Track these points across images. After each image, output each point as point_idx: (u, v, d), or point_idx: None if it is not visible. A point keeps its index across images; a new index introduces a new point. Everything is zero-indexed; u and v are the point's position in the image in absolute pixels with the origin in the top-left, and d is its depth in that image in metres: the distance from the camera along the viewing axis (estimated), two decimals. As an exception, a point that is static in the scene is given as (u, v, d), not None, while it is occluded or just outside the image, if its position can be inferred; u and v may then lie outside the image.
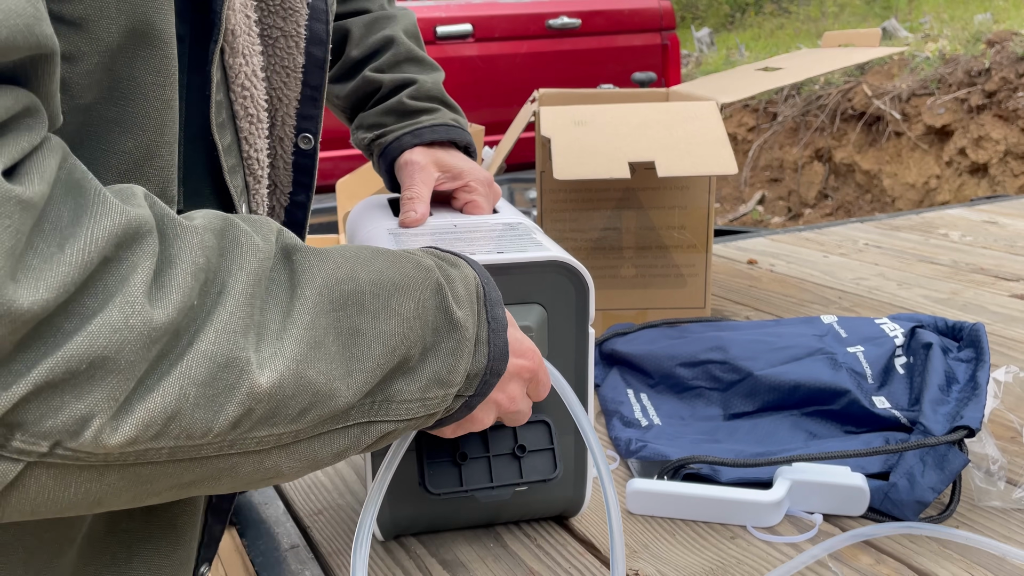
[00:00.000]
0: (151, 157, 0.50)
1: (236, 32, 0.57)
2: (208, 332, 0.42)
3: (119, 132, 0.48)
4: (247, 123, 0.60)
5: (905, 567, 0.76)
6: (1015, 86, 4.96)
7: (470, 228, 0.82)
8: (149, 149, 0.49)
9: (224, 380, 0.42)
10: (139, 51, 0.47)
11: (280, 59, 0.69)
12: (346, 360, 0.48)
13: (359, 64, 0.95)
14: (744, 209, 6.17)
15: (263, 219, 0.50)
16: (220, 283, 0.43)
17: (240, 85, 0.59)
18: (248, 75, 0.59)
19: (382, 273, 0.51)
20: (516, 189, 3.39)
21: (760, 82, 1.38)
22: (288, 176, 0.72)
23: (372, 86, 0.94)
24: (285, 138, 0.71)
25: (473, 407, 0.59)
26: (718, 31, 10.08)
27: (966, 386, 0.93)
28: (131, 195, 0.42)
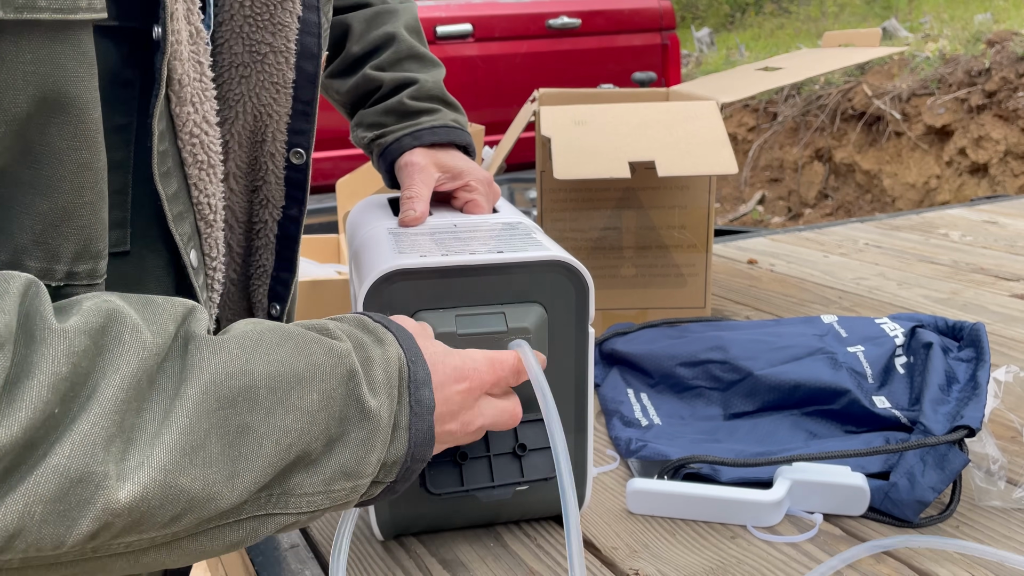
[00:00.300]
0: (69, 217, 0.48)
1: (183, 81, 0.55)
2: (64, 444, 0.40)
3: (33, 194, 0.47)
4: (196, 170, 0.59)
5: (905, 567, 0.76)
6: (1015, 86, 4.96)
7: (470, 227, 0.82)
8: (66, 210, 0.48)
9: (76, 496, 0.40)
10: (52, 118, 0.46)
11: (269, 75, 0.68)
12: (231, 461, 0.45)
13: (360, 60, 0.94)
14: (744, 209, 6.17)
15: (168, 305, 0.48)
16: (91, 387, 0.41)
17: (188, 133, 0.57)
18: (197, 122, 0.58)
19: (283, 364, 0.49)
20: (516, 189, 3.39)
21: (760, 82, 1.38)
22: (280, 191, 0.72)
23: (372, 84, 0.94)
24: (276, 154, 0.70)
25: (398, 491, 0.56)
26: (718, 31, 10.08)
27: (966, 386, 0.93)
28: (1, 293, 0.40)
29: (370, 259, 0.75)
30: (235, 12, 0.66)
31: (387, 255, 0.72)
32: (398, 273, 0.69)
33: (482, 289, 0.71)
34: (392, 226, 0.84)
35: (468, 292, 0.71)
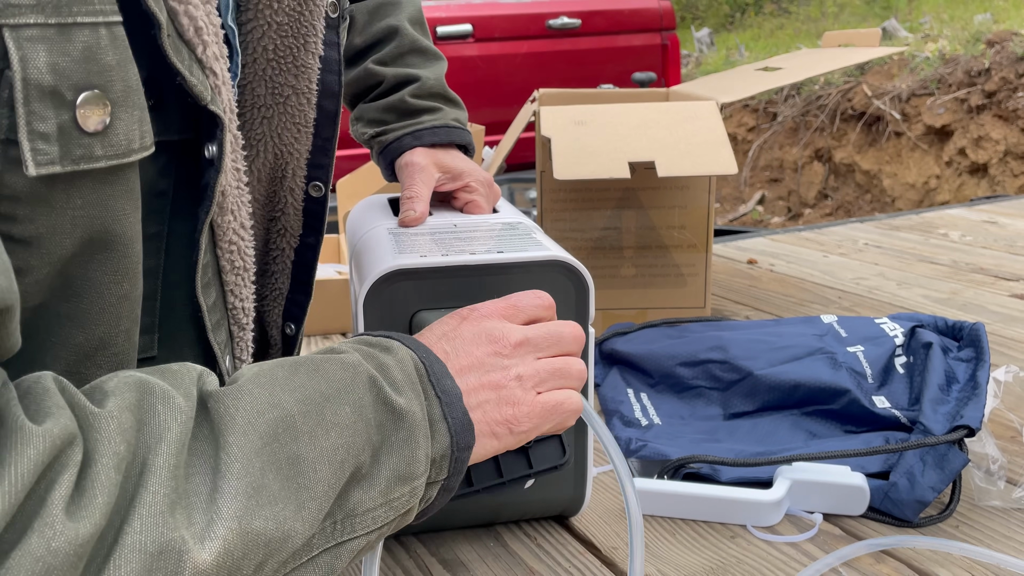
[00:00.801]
0: (104, 347, 0.48)
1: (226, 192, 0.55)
2: (133, 522, 0.39)
3: (70, 327, 0.46)
4: (233, 276, 0.59)
5: (905, 567, 0.76)
6: (1015, 86, 4.96)
7: (470, 227, 0.82)
8: (102, 340, 0.47)
9: (162, 568, 0.38)
10: (95, 255, 0.46)
11: (291, 116, 0.68)
12: (294, 492, 0.44)
13: (362, 53, 0.94)
14: (744, 209, 6.17)
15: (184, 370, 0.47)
16: (140, 463, 0.40)
17: (228, 241, 0.57)
18: (236, 230, 0.58)
19: (306, 387, 0.48)
20: (516, 189, 3.39)
21: (760, 82, 1.38)
22: (298, 221, 0.73)
23: (374, 79, 0.93)
24: (296, 188, 0.71)
25: (453, 487, 0.55)
26: (718, 31, 10.09)
27: (966, 386, 0.93)
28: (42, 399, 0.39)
29: (370, 259, 0.75)
30: (259, 56, 0.66)
31: (387, 255, 0.72)
32: (398, 273, 0.69)
33: (482, 289, 0.71)
34: (392, 226, 0.84)
35: (468, 292, 0.71)
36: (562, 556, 0.80)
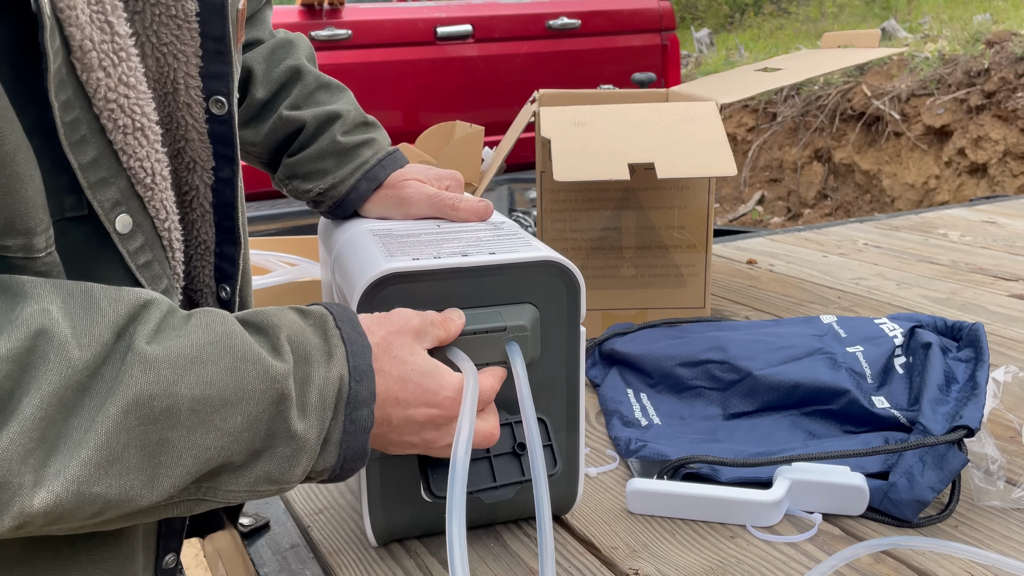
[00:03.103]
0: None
1: (85, 47, 0.53)
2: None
3: None
4: (121, 135, 0.56)
5: (904, 566, 0.77)
6: (1014, 86, 4.96)
7: (454, 228, 0.82)
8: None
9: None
10: None
11: (166, 7, 0.60)
12: (149, 468, 0.50)
13: (269, 103, 0.89)
14: (744, 209, 6.17)
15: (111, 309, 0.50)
16: (13, 406, 0.46)
17: (103, 99, 0.54)
18: (112, 87, 0.55)
19: (211, 386, 0.51)
20: (516, 189, 3.39)
21: (760, 83, 1.38)
22: (206, 149, 0.65)
23: (293, 126, 0.88)
24: (193, 103, 0.63)
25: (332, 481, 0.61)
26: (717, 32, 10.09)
27: (965, 386, 0.93)
28: None
29: (359, 262, 0.74)
30: None
31: (377, 258, 0.72)
32: (392, 276, 0.69)
33: (476, 290, 0.71)
34: (374, 227, 0.83)
35: (461, 294, 0.71)
36: (562, 556, 0.80)
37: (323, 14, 3.25)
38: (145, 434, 0.49)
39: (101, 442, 0.48)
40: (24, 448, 0.46)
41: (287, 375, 0.55)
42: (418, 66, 3.39)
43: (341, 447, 0.58)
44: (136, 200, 0.58)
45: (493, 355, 0.70)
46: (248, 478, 0.55)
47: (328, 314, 0.61)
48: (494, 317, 0.70)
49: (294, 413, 0.55)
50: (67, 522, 0.49)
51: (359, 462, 0.60)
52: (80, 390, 0.48)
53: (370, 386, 0.59)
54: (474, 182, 1.51)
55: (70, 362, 0.47)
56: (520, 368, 0.68)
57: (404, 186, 0.87)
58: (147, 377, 0.49)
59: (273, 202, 3.17)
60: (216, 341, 0.53)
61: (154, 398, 0.49)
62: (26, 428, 0.46)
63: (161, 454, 0.50)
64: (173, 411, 0.50)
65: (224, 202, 0.67)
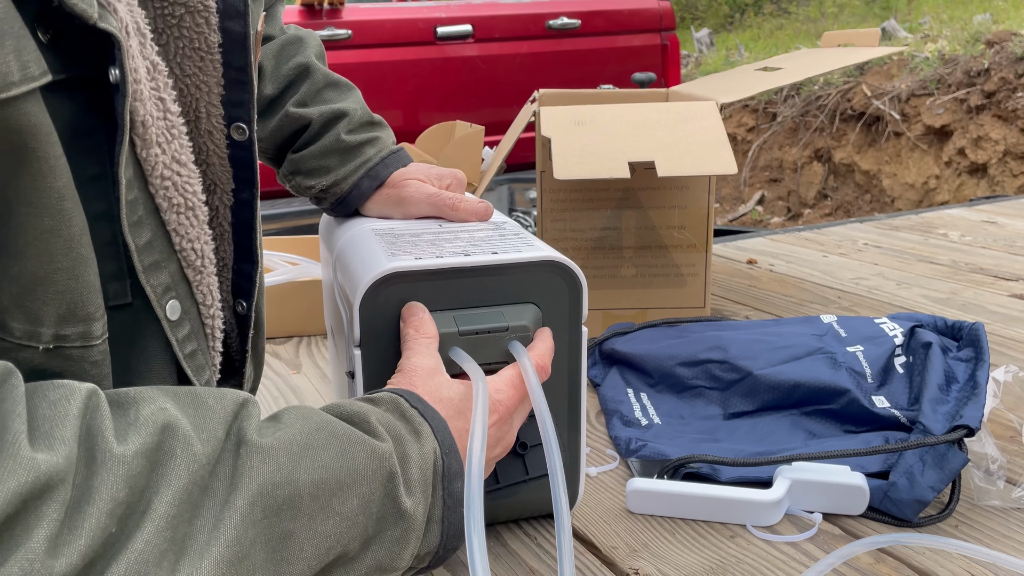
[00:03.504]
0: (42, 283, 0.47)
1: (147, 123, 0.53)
2: (120, 563, 0.42)
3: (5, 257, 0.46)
4: (174, 215, 0.56)
5: (904, 566, 0.76)
6: (1014, 86, 4.96)
7: (455, 228, 0.82)
8: (37, 276, 0.46)
9: None
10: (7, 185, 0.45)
11: (189, 40, 0.60)
12: (274, 565, 0.48)
13: (277, 99, 0.89)
14: (744, 209, 6.17)
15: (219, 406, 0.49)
16: (145, 504, 0.43)
17: (159, 176, 0.55)
18: (167, 164, 0.55)
19: (327, 470, 0.50)
20: (516, 189, 3.39)
21: (760, 82, 1.38)
22: (227, 173, 0.66)
23: (299, 123, 0.88)
24: (214, 131, 0.64)
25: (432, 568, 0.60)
26: (717, 32, 10.09)
27: (965, 385, 0.93)
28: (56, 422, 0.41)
29: (361, 261, 0.75)
30: None
31: (380, 257, 0.72)
32: (395, 276, 0.69)
33: (477, 290, 0.71)
34: (375, 226, 0.83)
35: (463, 293, 0.71)
36: (562, 556, 0.80)
37: (323, 14, 3.25)
38: (270, 527, 0.47)
39: (231, 538, 0.45)
40: (159, 550, 0.43)
41: (391, 454, 0.54)
42: (418, 66, 3.39)
43: (443, 524, 0.57)
44: (185, 285, 0.58)
45: (495, 355, 0.70)
46: (359, 570, 0.53)
47: (399, 397, 0.60)
48: (496, 317, 0.70)
49: (402, 491, 0.54)
50: None
51: (459, 540, 0.58)
52: (203, 487, 0.46)
53: (458, 459, 0.59)
54: (474, 182, 1.52)
55: (195, 457, 0.45)
56: (528, 365, 0.68)
57: (404, 185, 0.87)
58: (267, 466, 0.48)
59: (273, 202, 3.17)
60: (320, 428, 0.52)
61: (277, 487, 0.48)
62: (160, 528, 0.43)
63: (285, 548, 0.48)
64: (295, 499, 0.48)
65: (243, 222, 0.68)
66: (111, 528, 0.42)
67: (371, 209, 0.89)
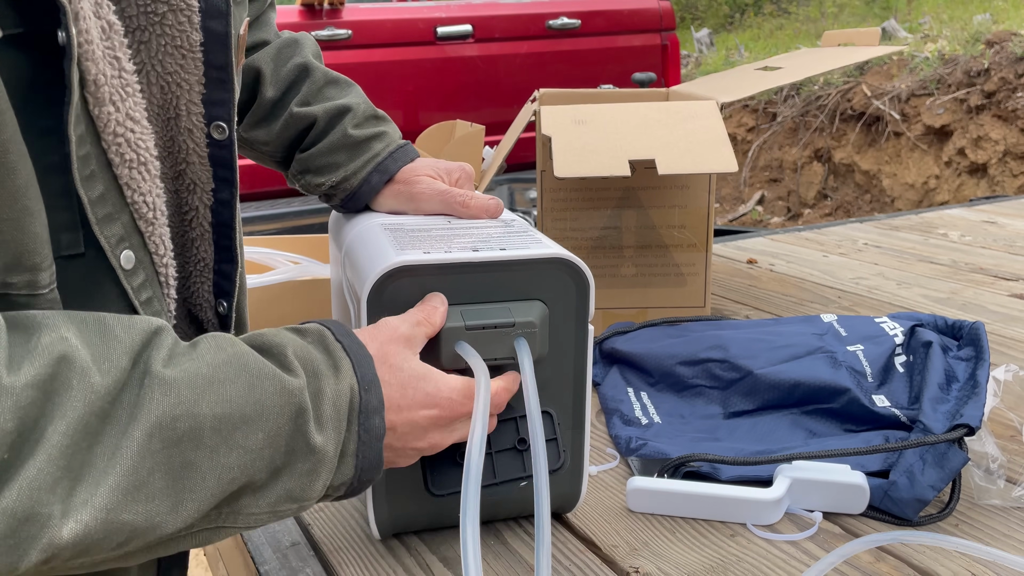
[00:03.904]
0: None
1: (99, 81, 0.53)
2: (12, 489, 0.44)
3: None
4: (126, 169, 0.57)
5: (905, 564, 0.77)
6: (1014, 86, 4.96)
7: (464, 224, 0.82)
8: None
9: (24, 533, 0.44)
10: None
11: (172, 38, 0.61)
12: (174, 493, 0.49)
13: (279, 102, 0.90)
14: (744, 209, 6.17)
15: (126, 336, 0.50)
16: (39, 433, 0.45)
17: (112, 133, 0.55)
18: (120, 121, 0.55)
19: (231, 404, 0.51)
20: (516, 189, 3.39)
21: (760, 82, 1.38)
22: (206, 172, 0.66)
23: (305, 122, 0.89)
24: (194, 129, 0.64)
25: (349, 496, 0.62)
26: (717, 32, 10.09)
27: (966, 384, 0.93)
28: None
29: (369, 256, 0.75)
30: None
31: (388, 251, 0.72)
32: (402, 270, 0.69)
33: (484, 286, 0.72)
34: (385, 221, 0.84)
35: (470, 289, 0.71)
36: (562, 554, 0.80)
37: (323, 14, 3.25)
38: (169, 457, 0.49)
39: (127, 468, 0.47)
40: (52, 477, 0.45)
41: (302, 389, 0.55)
42: (418, 66, 3.39)
43: (357, 458, 0.59)
44: (138, 236, 0.59)
45: (502, 351, 0.70)
46: (269, 498, 0.55)
47: (325, 329, 0.62)
48: (503, 313, 0.70)
49: (312, 427, 0.55)
50: (92, 554, 0.48)
51: (375, 472, 0.60)
52: (102, 417, 0.47)
53: (378, 394, 0.60)
54: (475, 182, 1.52)
55: (93, 388, 0.47)
56: (527, 364, 0.68)
57: (415, 182, 0.87)
58: (168, 399, 0.49)
59: (273, 202, 3.17)
60: (230, 361, 0.53)
61: (177, 419, 0.49)
62: (53, 457, 0.45)
63: (186, 477, 0.49)
64: (196, 432, 0.50)
65: (222, 222, 0.68)
66: (3, 455, 0.43)
67: (381, 204, 0.89)
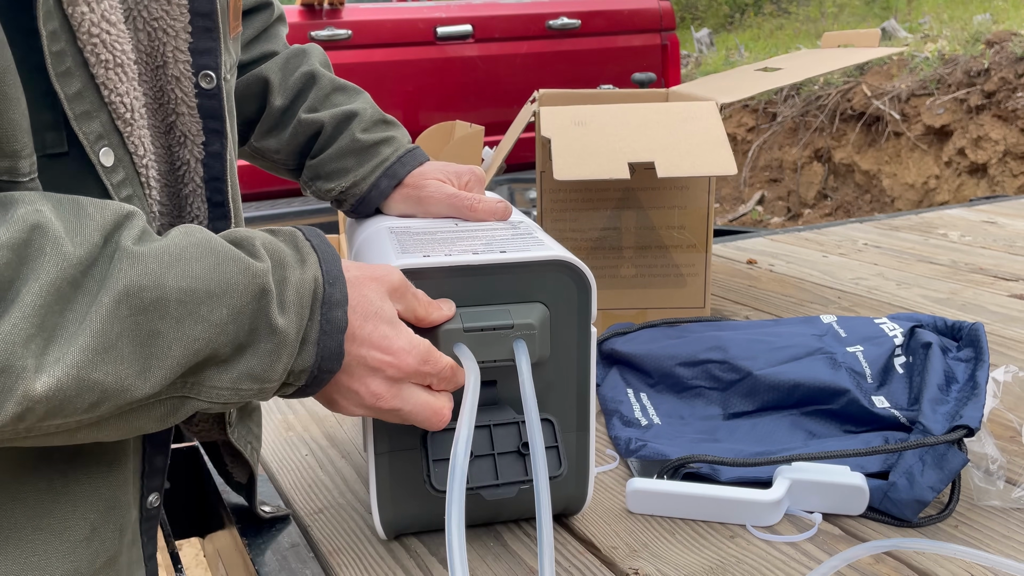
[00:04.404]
0: None
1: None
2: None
3: None
4: (103, 69, 0.58)
5: (904, 566, 0.77)
6: (1014, 86, 4.96)
7: (471, 226, 0.83)
8: None
9: None
10: None
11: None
12: (142, 359, 0.52)
13: (288, 110, 0.91)
14: (744, 209, 6.17)
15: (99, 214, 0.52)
16: (14, 294, 0.48)
17: (86, 33, 0.56)
18: (95, 22, 0.57)
19: (196, 279, 0.54)
20: (516, 189, 3.39)
21: (760, 82, 1.38)
22: (196, 123, 0.67)
23: (313, 128, 0.90)
24: (182, 77, 0.65)
25: (309, 394, 0.64)
26: (717, 32, 10.09)
27: (965, 385, 0.93)
28: None
29: (373, 259, 0.75)
30: None
31: (390, 255, 0.72)
32: (402, 273, 0.69)
33: (485, 288, 0.72)
34: (392, 225, 0.84)
35: (471, 291, 0.71)
36: (562, 556, 0.80)
37: (323, 14, 3.25)
38: (137, 324, 0.52)
39: (96, 330, 0.50)
40: (26, 333, 0.48)
41: (267, 272, 0.58)
42: (418, 66, 3.39)
43: (318, 346, 0.60)
44: (116, 135, 0.60)
45: (500, 353, 0.70)
46: (232, 374, 0.57)
47: (297, 231, 0.64)
48: (502, 315, 0.71)
49: (275, 308, 0.57)
50: (66, 414, 0.50)
51: (335, 363, 0.62)
52: (74, 285, 0.50)
53: (343, 289, 0.62)
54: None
55: (65, 256, 0.50)
56: (525, 367, 0.69)
57: (424, 185, 0.88)
58: (135, 270, 0.52)
59: (273, 202, 3.17)
60: (198, 244, 0.56)
61: (143, 289, 0.52)
62: (27, 314, 0.48)
63: (152, 344, 0.52)
64: (162, 302, 0.52)
65: (214, 176, 0.69)
66: None
67: (392, 208, 0.90)
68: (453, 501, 0.61)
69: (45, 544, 0.58)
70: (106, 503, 0.61)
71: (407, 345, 0.65)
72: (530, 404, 0.67)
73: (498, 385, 0.75)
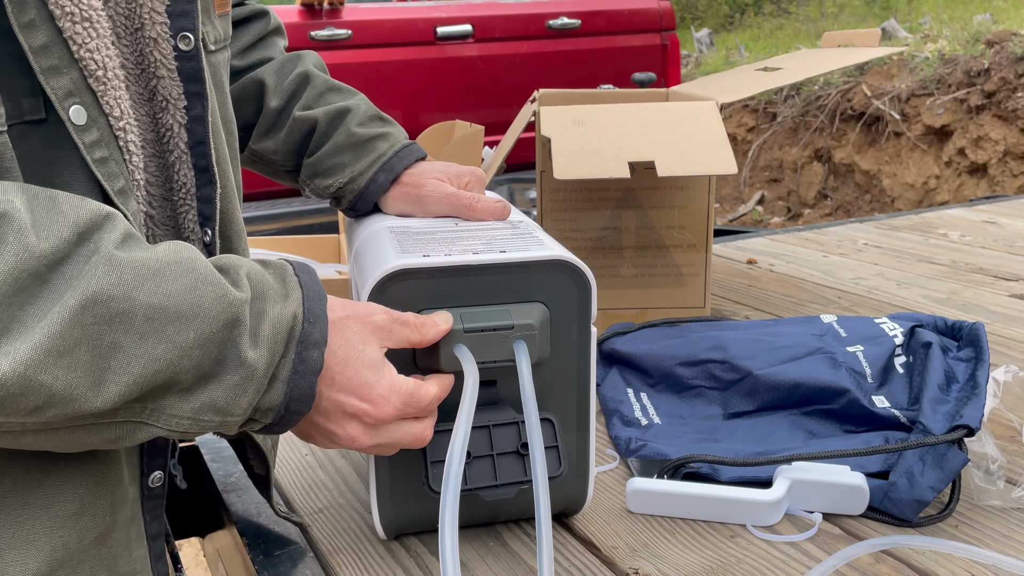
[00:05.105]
0: None
1: None
2: None
3: None
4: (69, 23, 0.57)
5: (904, 566, 0.76)
6: (1014, 86, 4.96)
7: (471, 226, 0.83)
8: None
9: None
10: None
11: None
12: (98, 371, 0.51)
13: (283, 111, 0.92)
14: (744, 209, 6.17)
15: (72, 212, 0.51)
16: None
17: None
18: None
19: (169, 297, 0.53)
20: (516, 189, 3.39)
21: (760, 82, 1.38)
22: (177, 87, 0.66)
23: (307, 125, 0.90)
24: (160, 39, 0.64)
25: (277, 433, 0.62)
26: (717, 32, 10.09)
27: (965, 385, 0.93)
28: None
29: (372, 258, 0.75)
30: None
31: (389, 255, 0.72)
32: (401, 273, 0.69)
33: (485, 288, 0.72)
34: (392, 224, 0.84)
35: (471, 291, 0.71)
36: (562, 555, 0.80)
37: (323, 14, 3.25)
38: (98, 334, 0.50)
39: (54, 331, 0.49)
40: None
41: (244, 303, 0.57)
42: (418, 66, 3.39)
43: (288, 384, 0.59)
44: (89, 94, 0.59)
45: (500, 353, 0.70)
46: (194, 403, 0.55)
47: (287, 264, 0.63)
48: (502, 315, 0.70)
49: (246, 340, 0.56)
50: (7, 412, 0.49)
51: (304, 406, 0.60)
52: (39, 279, 0.49)
53: (323, 329, 0.61)
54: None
55: (27, 247, 0.48)
56: (525, 367, 0.68)
57: (423, 184, 0.88)
58: (109, 278, 0.51)
59: (273, 202, 3.17)
60: (180, 262, 0.55)
61: (112, 299, 0.51)
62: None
63: (111, 358, 0.51)
64: (128, 315, 0.51)
65: (198, 141, 0.68)
66: None
67: (390, 206, 0.90)
68: (447, 507, 0.60)
69: (32, 519, 0.58)
70: (96, 478, 0.61)
71: (387, 392, 0.64)
72: (530, 404, 0.67)
73: (498, 385, 0.75)
